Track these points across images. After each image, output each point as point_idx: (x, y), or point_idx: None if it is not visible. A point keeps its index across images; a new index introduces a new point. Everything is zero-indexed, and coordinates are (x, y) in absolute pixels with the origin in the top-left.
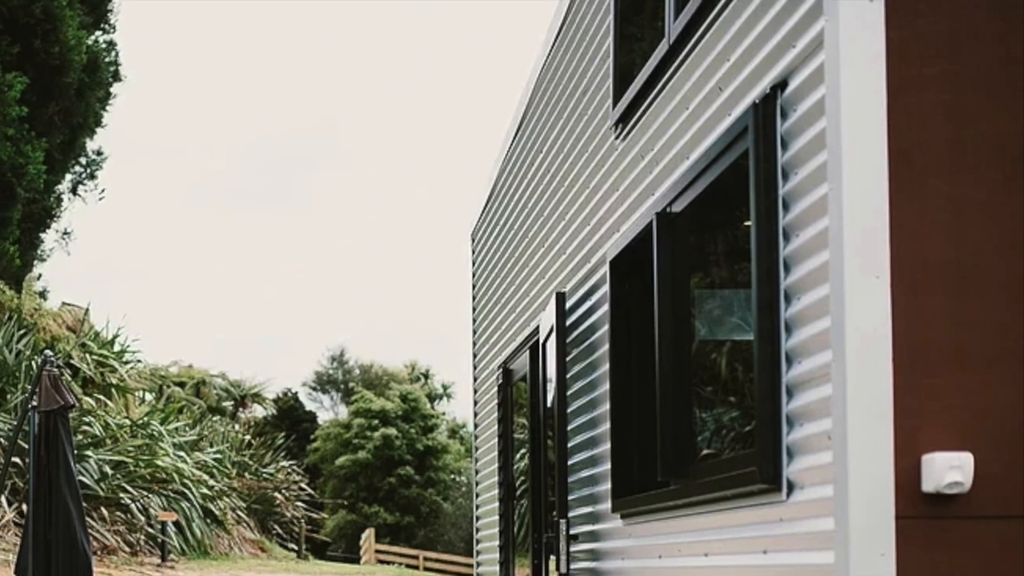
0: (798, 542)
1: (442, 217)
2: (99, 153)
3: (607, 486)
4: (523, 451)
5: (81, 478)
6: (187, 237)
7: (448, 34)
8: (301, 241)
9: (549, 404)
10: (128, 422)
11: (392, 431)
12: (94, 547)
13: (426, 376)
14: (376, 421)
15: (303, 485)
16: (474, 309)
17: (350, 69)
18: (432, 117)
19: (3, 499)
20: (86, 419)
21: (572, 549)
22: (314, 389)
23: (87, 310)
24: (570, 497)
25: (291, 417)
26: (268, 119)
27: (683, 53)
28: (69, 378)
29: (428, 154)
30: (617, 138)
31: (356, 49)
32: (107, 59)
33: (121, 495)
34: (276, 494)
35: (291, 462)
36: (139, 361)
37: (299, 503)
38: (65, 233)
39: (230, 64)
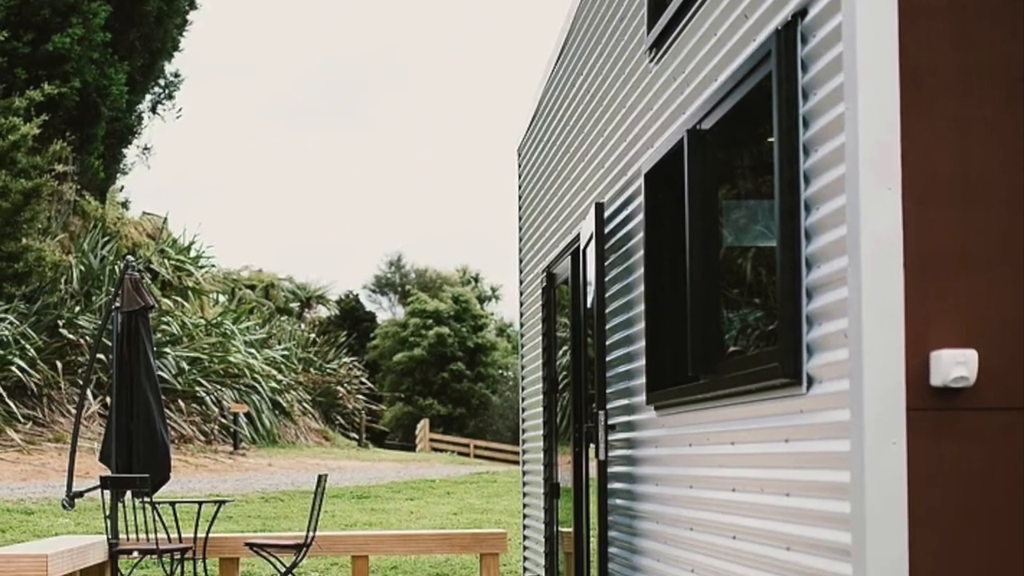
0: (817, 431)
1: (491, 134)
2: (176, 75)
3: (642, 380)
4: (565, 348)
5: (160, 373)
6: (258, 152)
7: None
8: (362, 155)
9: (589, 305)
10: (203, 321)
11: (445, 330)
12: (172, 436)
13: (476, 279)
14: (430, 320)
15: (363, 379)
16: (520, 218)
17: None
18: (484, 42)
19: (89, 392)
20: (164, 319)
21: (610, 438)
22: (374, 291)
23: (165, 219)
24: (608, 390)
25: (352, 317)
26: (332, 43)
27: None
28: (149, 281)
29: (479, 76)
30: (651, 61)
31: None
32: None
33: (197, 388)
34: (339, 388)
35: (352, 358)
36: (213, 266)
37: (360, 396)
38: (145, 148)
39: None
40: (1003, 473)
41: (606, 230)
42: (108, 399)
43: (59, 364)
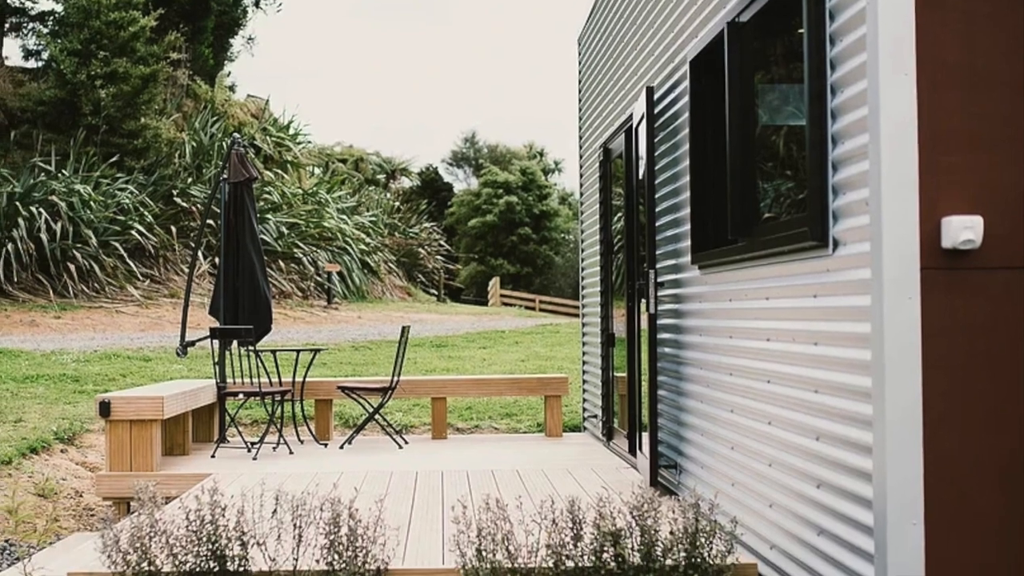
0: (842, 288)
1: (555, 25)
2: None
3: (687, 243)
4: (619, 215)
5: (263, 237)
6: (350, 42)
7: None
8: (442, 44)
9: (640, 177)
10: (300, 191)
11: (514, 198)
12: (273, 292)
13: (541, 154)
14: (501, 190)
15: (442, 242)
16: (580, 100)
17: None
18: None
19: (200, 253)
20: (267, 189)
21: (659, 294)
22: (451, 164)
23: (267, 101)
24: (657, 251)
25: (432, 187)
26: None
27: None
28: (253, 156)
29: None
30: None
31: None
32: None
33: (295, 250)
34: (420, 249)
35: (432, 224)
36: (309, 142)
37: (438, 257)
38: (249, 39)
39: None
40: (1004, 324)
41: (655, 111)
42: (217, 259)
43: (173, 229)
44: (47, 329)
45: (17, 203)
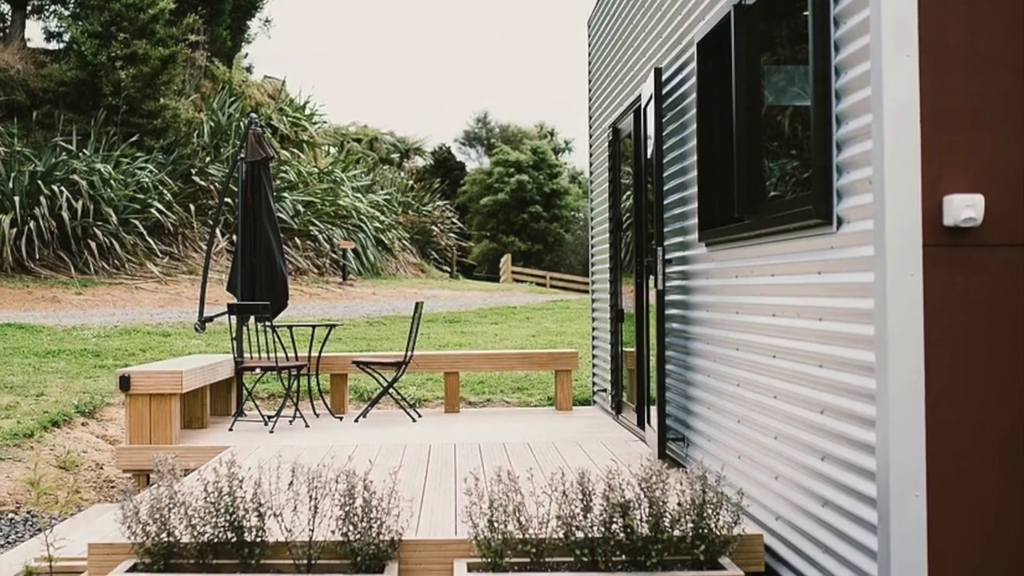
0: (846, 265)
1: (566, 7)
2: None
3: (694, 220)
4: (628, 193)
5: (279, 215)
6: (366, 23)
7: None
8: (456, 26)
9: (649, 156)
10: (316, 170)
11: (525, 177)
12: (289, 269)
13: (552, 134)
14: (512, 169)
15: (454, 220)
16: (590, 81)
17: None
18: None
19: (218, 231)
20: (283, 168)
21: (667, 270)
22: (463, 144)
23: (284, 81)
24: (665, 229)
25: (445, 166)
26: None
27: None
28: (270, 135)
29: None
30: None
31: None
32: None
33: (311, 228)
34: (433, 227)
35: (445, 202)
36: (325, 122)
37: (451, 234)
38: (266, 21)
39: None
40: (1005, 301)
41: (663, 92)
42: (234, 237)
43: (192, 207)
44: (68, 305)
45: (39, 182)
